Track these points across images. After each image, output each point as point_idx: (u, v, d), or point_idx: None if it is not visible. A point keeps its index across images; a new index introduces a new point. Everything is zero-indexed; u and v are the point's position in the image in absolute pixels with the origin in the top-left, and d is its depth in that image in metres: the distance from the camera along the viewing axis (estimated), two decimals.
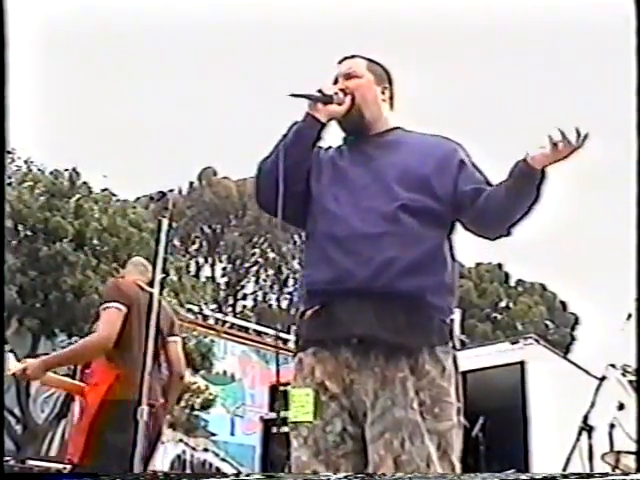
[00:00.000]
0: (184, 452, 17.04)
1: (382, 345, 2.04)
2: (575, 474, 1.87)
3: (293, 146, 2.20)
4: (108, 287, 3.82)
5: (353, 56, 2.34)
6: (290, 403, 2.13)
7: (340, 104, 2.23)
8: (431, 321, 2.10)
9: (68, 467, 3.55)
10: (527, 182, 2.02)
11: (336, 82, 2.30)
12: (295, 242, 31.71)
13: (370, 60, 2.36)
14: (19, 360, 3.78)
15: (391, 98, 2.38)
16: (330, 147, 2.35)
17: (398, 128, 2.36)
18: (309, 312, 2.16)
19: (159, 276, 3.65)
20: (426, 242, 2.13)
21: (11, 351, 4.00)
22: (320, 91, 2.22)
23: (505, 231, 2.18)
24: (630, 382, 7.00)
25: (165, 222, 3.69)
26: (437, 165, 2.20)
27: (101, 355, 3.52)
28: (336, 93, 2.23)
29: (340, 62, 2.34)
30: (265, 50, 35.81)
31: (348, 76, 2.29)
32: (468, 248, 2.68)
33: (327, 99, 2.21)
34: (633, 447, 4.73)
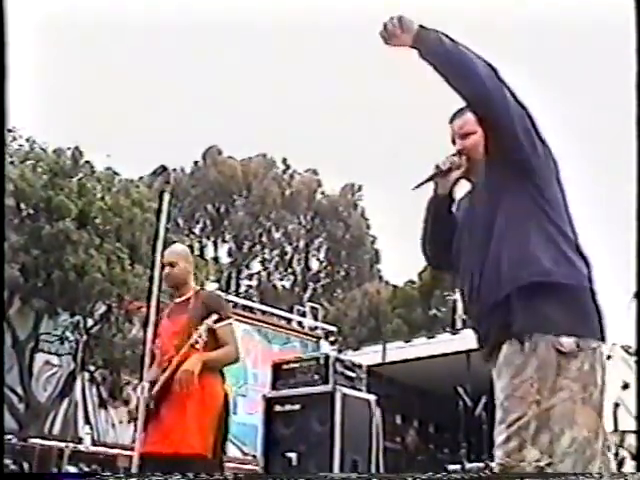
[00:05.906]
0: None
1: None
2: (573, 474, 1.82)
3: (429, 221, 2.42)
4: (222, 300, 3.87)
5: (462, 110, 2.37)
6: None
7: (458, 167, 2.33)
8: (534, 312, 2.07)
9: (192, 459, 3.56)
10: None
11: (454, 142, 2.38)
12: (300, 222, 31.68)
13: None
14: None
15: None
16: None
17: None
18: None
19: (160, 252, 3.62)
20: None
21: None
22: (437, 167, 2.33)
23: None
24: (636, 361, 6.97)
25: (167, 196, 3.64)
26: None
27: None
28: (452, 162, 2.33)
29: (451, 121, 2.40)
30: (270, 33, 35.65)
31: (464, 136, 2.35)
32: None
33: (445, 173, 2.34)
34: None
